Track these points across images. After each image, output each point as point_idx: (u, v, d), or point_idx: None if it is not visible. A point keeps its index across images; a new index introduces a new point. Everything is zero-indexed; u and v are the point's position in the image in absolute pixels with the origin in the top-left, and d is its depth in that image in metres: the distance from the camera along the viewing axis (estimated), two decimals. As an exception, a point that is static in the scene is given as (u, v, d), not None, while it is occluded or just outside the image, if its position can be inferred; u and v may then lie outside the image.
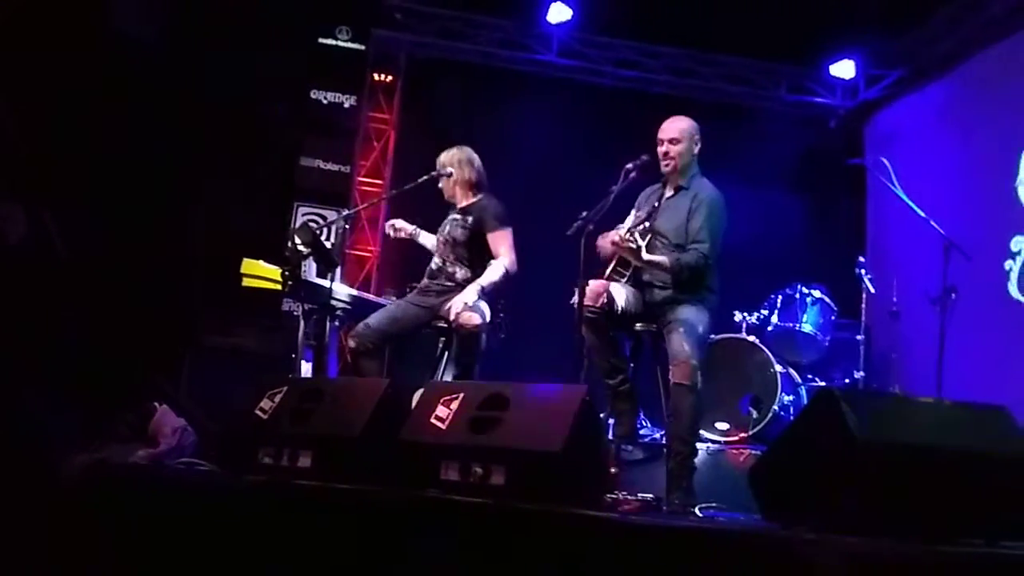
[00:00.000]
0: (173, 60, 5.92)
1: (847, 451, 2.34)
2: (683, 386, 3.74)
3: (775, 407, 4.98)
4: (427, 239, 4.62)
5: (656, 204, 4.03)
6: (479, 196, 4.45)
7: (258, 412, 3.32)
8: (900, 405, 2.76)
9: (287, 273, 3.94)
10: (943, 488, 2.31)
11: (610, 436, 4.05)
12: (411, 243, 4.67)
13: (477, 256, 4.32)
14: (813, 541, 2.16)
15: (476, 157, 4.50)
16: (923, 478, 2.31)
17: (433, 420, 3.05)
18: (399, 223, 4.66)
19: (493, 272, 4.23)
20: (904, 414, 2.58)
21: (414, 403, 3.28)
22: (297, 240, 3.92)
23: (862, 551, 2.07)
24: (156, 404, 3.88)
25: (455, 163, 4.45)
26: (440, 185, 4.48)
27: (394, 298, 4.71)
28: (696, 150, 4.12)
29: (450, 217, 4.46)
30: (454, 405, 3.05)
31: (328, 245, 4.32)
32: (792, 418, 4.81)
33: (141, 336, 5.40)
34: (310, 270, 4.40)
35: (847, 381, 5.51)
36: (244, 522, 2.98)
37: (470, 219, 4.36)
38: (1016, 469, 2.36)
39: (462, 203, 4.46)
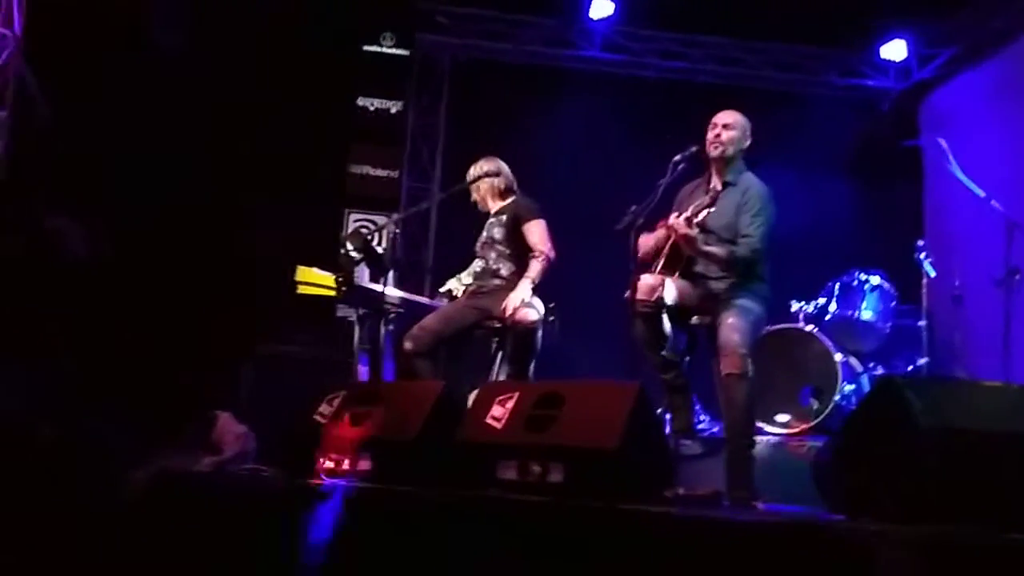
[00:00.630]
0: (220, 70, 6.02)
1: (911, 439, 2.30)
2: (733, 375, 3.71)
3: (836, 397, 4.88)
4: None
5: (708, 204, 3.97)
6: (510, 198, 4.56)
7: (317, 416, 3.39)
8: (964, 391, 2.69)
9: (341, 279, 4.00)
10: (1010, 474, 2.25)
11: (667, 431, 4.02)
12: (466, 248, 4.70)
13: (518, 250, 4.41)
14: (878, 532, 2.13)
15: (503, 165, 4.61)
16: (989, 464, 2.26)
17: (489, 420, 3.07)
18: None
19: (536, 264, 4.31)
20: (969, 400, 2.51)
21: (469, 404, 3.30)
22: (349, 246, 3.97)
23: (928, 541, 2.03)
24: (218, 412, 3.95)
25: (483, 175, 4.57)
26: (473, 198, 4.61)
27: (446, 300, 4.74)
28: (746, 144, 4.09)
29: (487, 222, 4.57)
30: (509, 404, 3.06)
31: (380, 250, 4.37)
32: (854, 407, 4.72)
33: (200, 346, 5.52)
34: (363, 275, 4.45)
35: (910, 368, 5.38)
36: (307, 523, 3.03)
37: (504, 217, 4.47)
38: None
39: (495, 208, 4.58)
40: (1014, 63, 6.58)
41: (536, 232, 4.38)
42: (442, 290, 4.72)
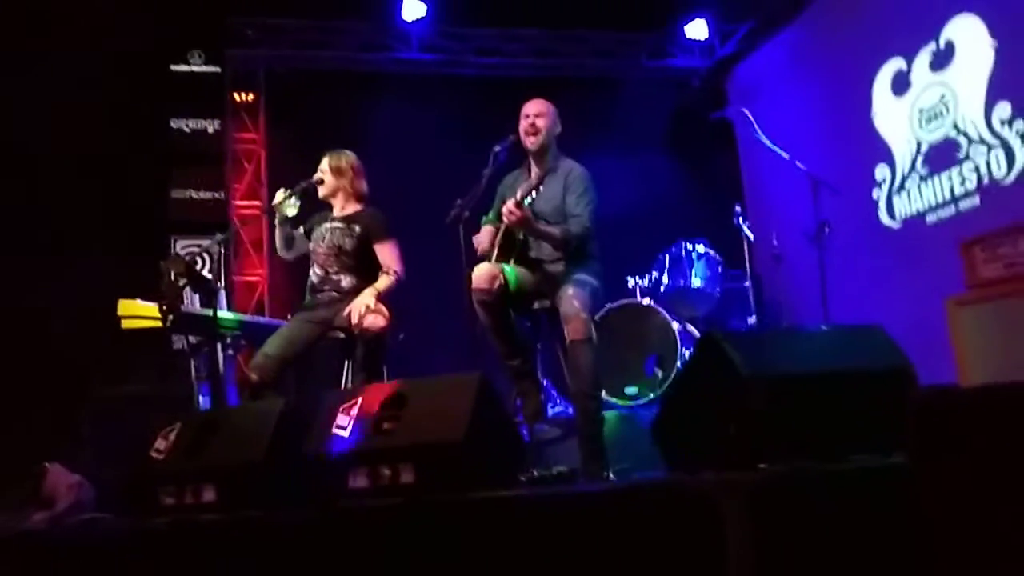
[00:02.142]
0: (18, 113, 5.66)
1: (735, 389, 2.40)
2: (578, 341, 3.79)
3: (678, 364, 5.08)
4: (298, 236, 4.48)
5: (532, 186, 4.04)
6: (362, 205, 4.41)
7: (153, 453, 3.22)
8: (781, 338, 2.85)
9: (165, 308, 3.80)
10: (828, 410, 2.39)
11: (519, 418, 4.06)
12: (301, 264, 4.50)
13: (363, 265, 4.27)
14: (713, 482, 2.21)
15: (361, 165, 4.44)
16: (810, 403, 2.39)
17: (335, 430, 3.00)
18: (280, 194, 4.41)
19: (386, 281, 4.19)
20: (785, 346, 2.65)
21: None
22: (171, 272, 3.79)
23: (759, 482, 2.12)
24: (47, 464, 3.70)
25: (344, 168, 4.37)
26: (322, 190, 4.37)
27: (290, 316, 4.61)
28: (557, 131, 4.20)
29: (329, 225, 4.35)
30: (354, 411, 3.01)
31: (206, 273, 4.19)
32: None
33: (29, 398, 5.17)
34: (193, 302, 4.27)
35: (743, 328, 5.67)
36: (157, 567, 2.88)
37: (357, 228, 4.30)
38: (891, 381, 2.46)
39: (345, 211, 4.39)
40: (805, 32, 7.03)
41: (390, 253, 4.25)
42: (274, 203, 4.36)
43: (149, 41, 6.46)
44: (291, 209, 4.33)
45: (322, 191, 4.38)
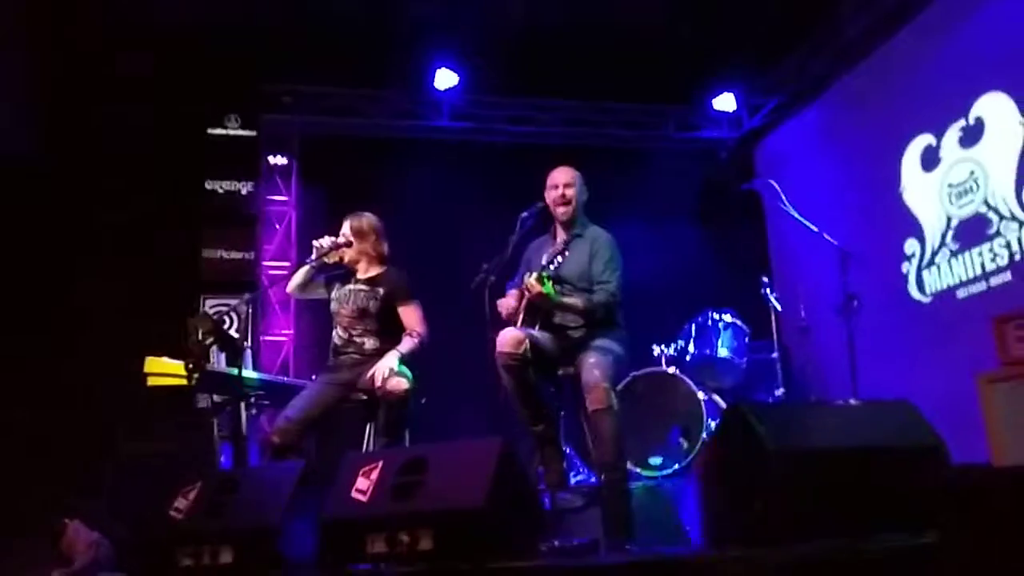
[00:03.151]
0: (59, 169, 5.80)
1: (761, 463, 2.36)
2: (599, 410, 3.75)
3: (703, 434, 5.01)
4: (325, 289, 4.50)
5: (556, 253, 4.06)
6: (385, 267, 4.43)
7: (173, 512, 3.20)
8: (807, 412, 2.80)
9: (191, 366, 3.82)
10: (857, 486, 2.34)
11: (541, 485, 4.00)
12: (327, 324, 4.50)
13: (386, 327, 4.27)
14: (739, 558, 2.16)
15: (383, 226, 4.47)
16: (837, 479, 2.34)
17: (354, 494, 2.97)
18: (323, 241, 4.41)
19: (409, 343, 4.18)
20: (813, 420, 2.61)
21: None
22: (198, 330, 3.82)
23: (785, 560, 2.08)
24: (67, 521, 3.69)
25: (366, 231, 4.39)
26: (344, 254, 4.39)
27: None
28: (585, 198, 4.23)
29: (351, 287, 4.37)
30: (374, 475, 2.98)
31: (233, 332, 4.22)
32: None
33: (52, 454, 5.19)
34: (219, 360, 4.28)
35: (770, 400, 5.59)
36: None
37: (381, 291, 4.31)
38: (921, 458, 2.41)
39: (368, 273, 4.41)
40: (832, 108, 7.09)
41: (413, 315, 4.26)
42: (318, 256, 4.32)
43: (188, 104, 6.63)
44: (330, 257, 4.37)
45: (346, 256, 4.41)
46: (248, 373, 4.28)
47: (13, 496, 4.32)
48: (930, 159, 6.04)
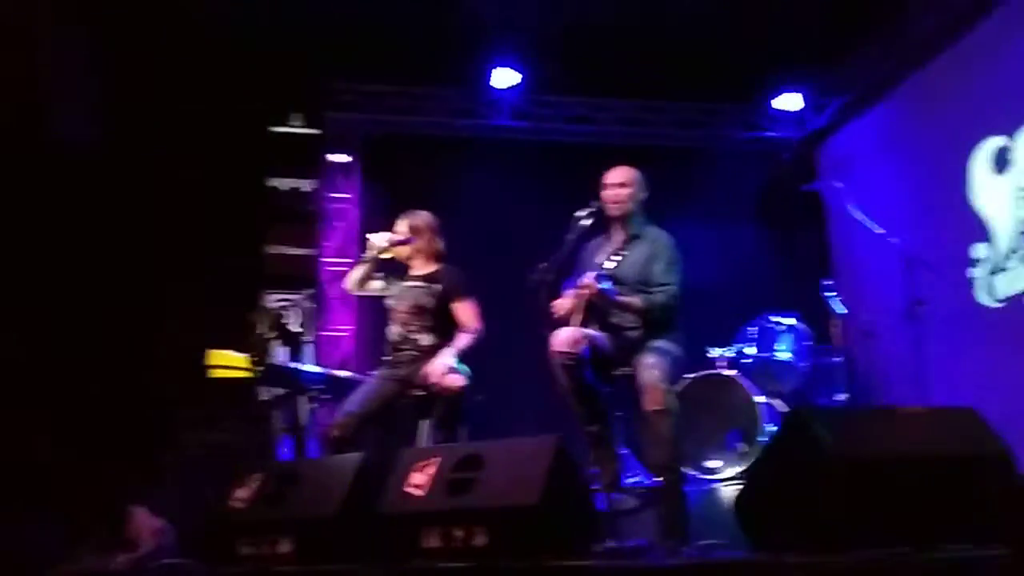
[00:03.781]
0: (123, 162, 5.94)
1: (821, 469, 2.32)
2: (657, 411, 3.73)
3: (761, 439, 4.94)
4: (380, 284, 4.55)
5: (613, 252, 4.05)
6: (441, 264, 4.47)
7: (234, 502, 3.28)
8: (870, 418, 2.74)
9: (254, 360, 3.90)
10: (918, 494, 2.29)
11: (596, 486, 4.00)
12: (386, 320, 4.54)
13: (441, 323, 4.33)
14: (798, 565, 2.13)
15: (438, 224, 4.52)
16: (897, 487, 2.29)
17: (410, 488, 3.01)
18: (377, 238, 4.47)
19: (465, 339, 4.25)
20: (874, 426, 2.57)
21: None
22: (260, 324, 3.90)
23: (846, 567, 2.04)
24: (133, 508, 3.80)
25: (422, 228, 4.46)
26: (400, 251, 4.45)
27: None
28: (642, 197, 4.20)
29: (408, 284, 4.43)
30: (430, 471, 3.01)
31: (295, 327, 4.30)
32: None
33: (118, 441, 5.33)
34: (280, 355, 4.37)
35: (831, 405, 5.49)
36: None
37: (438, 288, 4.36)
38: (988, 467, 2.35)
39: (424, 270, 4.46)
40: (899, 108, 6.93)
41: (468, 311, 4.32)
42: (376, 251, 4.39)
43: (252, 102, 6.75)
44: (386, 253, 4.43)
45: (401, 253, 4.45)
46: (308, 367, 4.36)
47: (83, 484, 4.45)
48: (1002, 161, 5.87)
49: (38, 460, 4.60)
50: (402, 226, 4.48)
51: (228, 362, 4.26)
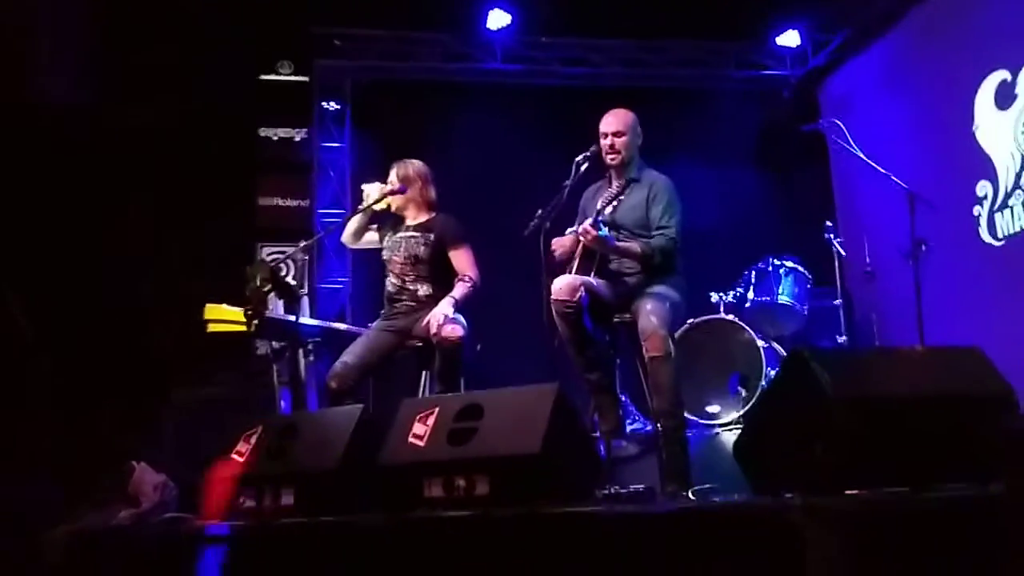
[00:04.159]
0: (109, 116, 5.84)
1: (822, 410, 2.30)
2: (656, 358, 3.72)
3: (762, 383, 4.94)
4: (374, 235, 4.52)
5: (611, 198, 4.00)
6: (434, 213, 4.42)
7: (235, 456, 3.27)
8: (871, 358, 2.72)
9: (250, 312, 3.86)
10: (919, 434, 2.28)
11: (597, 433, 4.00)
12: (383, 272, 4.50)
13: (439, 272, 4.29)
14: (799, 506, 2.12)
15: (430, 172, 4.46)
16: (898, 427, 2.27)
17: (411, 439, 2.99)
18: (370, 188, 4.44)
19: (462, 288, 4.20)
20: (875, 367, 2.54)
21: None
22: (256, 277, 3.85)
23: (844, 507, 2.03)
24: (134, 464, 3.80)
25: (412, 177, 4.39)
26: (393, 201, 4.40)
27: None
28: (639, 142, 4.13)
29: (402, 235, 4.38)
30: (430, 421, 3.00)
31: (290, 279, 4.26)
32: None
33: (114, 398, 5.33)
34: (277, 308, 4.33)
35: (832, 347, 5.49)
36: (235, 566, 2.92)
37: (431, 236, 4.32)
38: (990, 407, 2.33)
39: (417, 219, 4.41)
40: (902, 43, 6.79)
41: (464, 258, 4.27)
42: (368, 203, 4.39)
43: (239, 51, 6.62)
44: (380, 204, 4.38)
45: (394, 203, 4.39)
46: (305, 320, 4.32)
47: (83, 441, 4.45)
48: (1005, 96, 5.76)
49: (37, 418, 4.59)
50: (393, 175, 4.41)
51: (224, 316, 4.22)
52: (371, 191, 4.39)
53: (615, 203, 3.91)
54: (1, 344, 4.72)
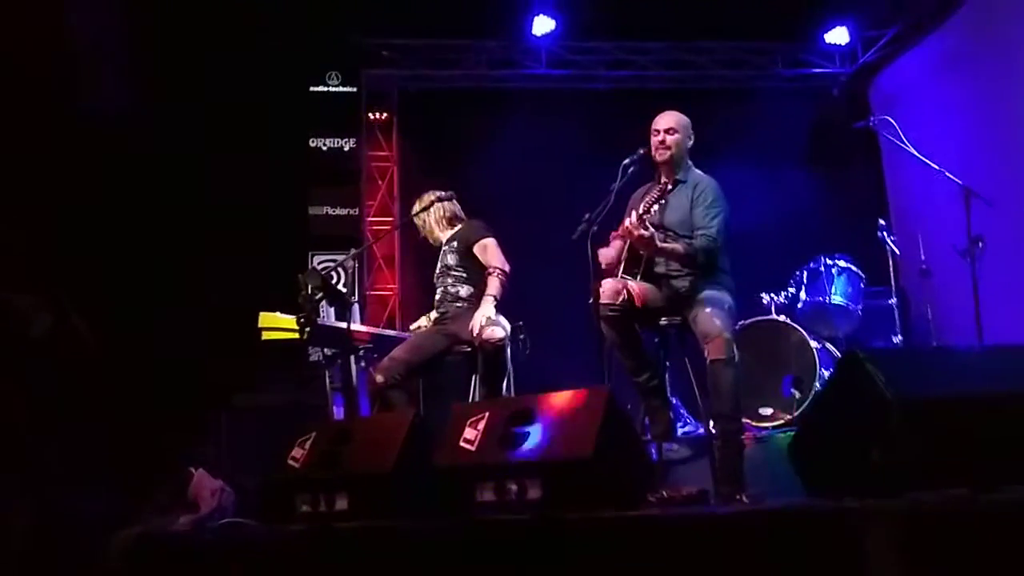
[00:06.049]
0: (162, 127, 5.97)
1: (879, 412, 2.27)
2: (719, 361, 3.69)
3: (816, 384, 4.87)
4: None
5: (656, 198, 3.98)
6: (458, 225, 4.63)
7: (290, 461, 3.32)
8: (929, 358, 2.68)
9: (303, 320, 3.93)
10: (981, 435, 2.23)
11: (648, 436, 3.98)
12: (431, 278, 4.71)
13: (472, 271, 4.46)
14: (856, 510, 2.09)
15: (443, 193, 4.66)
16: (958, 428, 2.23)
17: (463, 444, 3.01)
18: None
19: (493, 281, 4.35)
20: (934, 367, 2.50)
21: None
22: (308, 285, 3.92)
23: (905, 511, 2.00)
24: (192, 469, 3.87)
25: (426, 207, 4.64)
26: (422, 234, 4.72)
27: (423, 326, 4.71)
28: (689, 143, 4.12)
29: (441, 253, 4.63)
30: (481, 425, 3.01)
31: (341, 287, 4.33)
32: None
33: (173, 405, 5.43)
34: (328, 315, 4.39)
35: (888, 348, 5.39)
36: (293, 570, 2.96)
37: (456, 244, 4.54)
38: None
39: (445, 236, 4.65)
40: (954, 36, 6.65)
41: (488, 250, 4.44)
42: (412, 327, 4.69)
43: (290, 62, 6.72)
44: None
45: (424, 233, 4.71)
46: (356, 327, 4.38)
47: (143, 449, 4.55)
48: (1065, 88, 5.62)
49: (98, 426, 4.70)
50: (413, 210, 4.70)
51: (278, 324, 4.30)
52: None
53: (661, 204, 3.89)
54: (65, 356, 4.84)
